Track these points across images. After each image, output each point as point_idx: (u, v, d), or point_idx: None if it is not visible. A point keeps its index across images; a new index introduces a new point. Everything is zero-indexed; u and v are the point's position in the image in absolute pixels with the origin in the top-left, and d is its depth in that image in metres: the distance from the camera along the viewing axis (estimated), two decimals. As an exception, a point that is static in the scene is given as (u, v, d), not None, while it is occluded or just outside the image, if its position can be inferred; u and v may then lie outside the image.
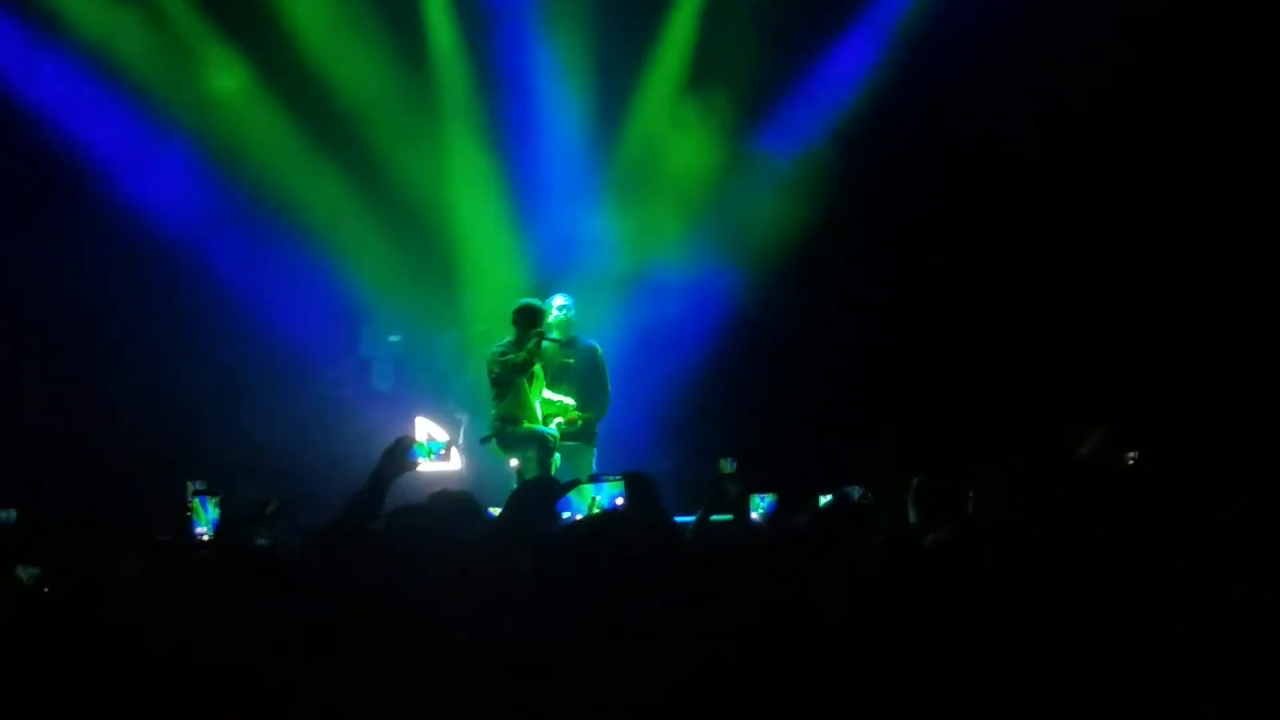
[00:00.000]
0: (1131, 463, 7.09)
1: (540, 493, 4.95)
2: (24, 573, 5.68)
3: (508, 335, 10.05)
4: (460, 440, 10.69)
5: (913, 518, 5.86)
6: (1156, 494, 4.86)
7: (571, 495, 6.44)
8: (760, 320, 11.96)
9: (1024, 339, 11.50)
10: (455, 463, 10.33)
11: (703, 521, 5.80)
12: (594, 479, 7.69)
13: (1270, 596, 3.61)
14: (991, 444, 9.30)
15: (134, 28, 11.59)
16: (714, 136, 12.17)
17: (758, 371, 11.94)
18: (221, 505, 6.68)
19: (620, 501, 6.47)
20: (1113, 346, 11.30)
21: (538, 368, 10.08)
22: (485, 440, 10.10)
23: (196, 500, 6.43)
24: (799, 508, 5.69)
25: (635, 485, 6.30)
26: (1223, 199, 11.17)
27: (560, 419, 10.12)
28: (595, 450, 10.35)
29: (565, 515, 6.26)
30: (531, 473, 9.64)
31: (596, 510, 6.28)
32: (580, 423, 10.23)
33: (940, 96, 11.56)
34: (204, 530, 6.76)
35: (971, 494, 5.30)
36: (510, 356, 9.89)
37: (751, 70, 11.97)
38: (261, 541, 6.29)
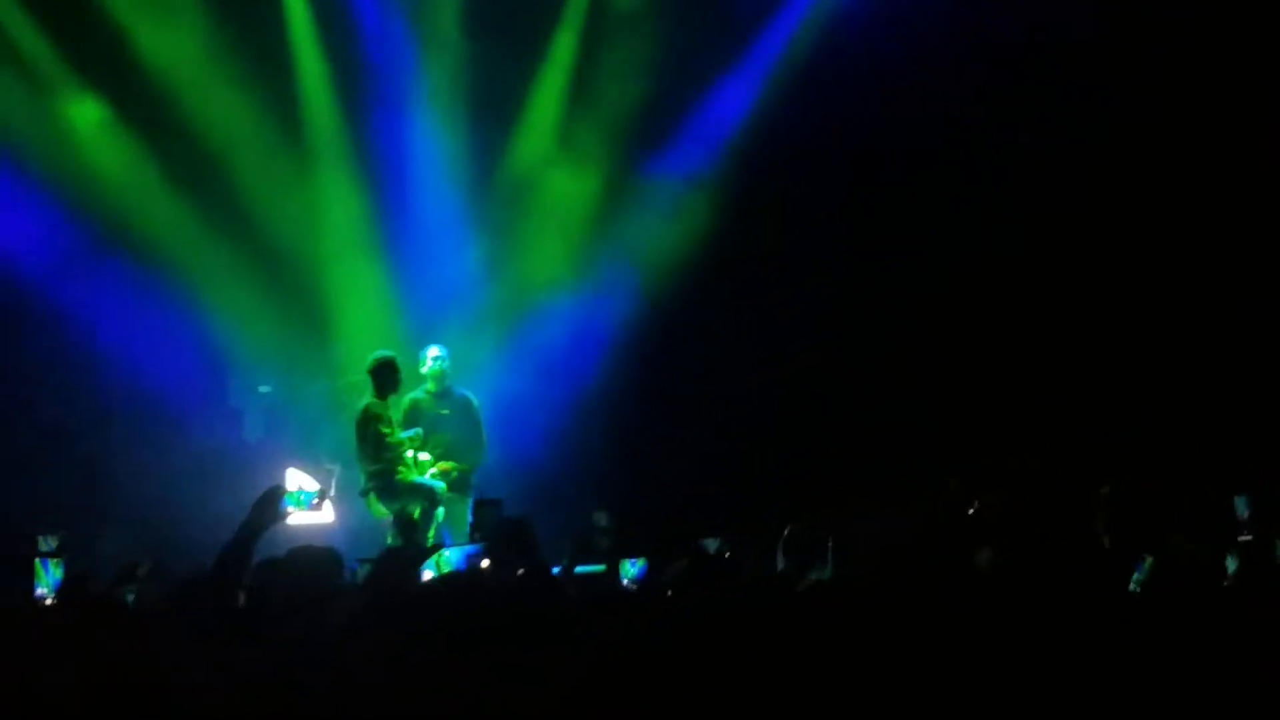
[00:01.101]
0: (972, 512, 7.20)
1: (404, 562, 4.95)
2: None
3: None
4: (332, 491, 10.58)
5: (781, 565, 5.94)
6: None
7: (435, 560, 6.41)
8: (642, 358, 11.99)
9: (895, 379, 11.66)
10: (328, 514, 10.22)
11: (567, 571, 5.81)
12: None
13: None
14: (861, 488, 9.41)
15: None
16: (594, 166, 12.25)
17: (636, 415, 11.94)
18: (67, 565, 6.55)
19: (473, 559, 6.47)
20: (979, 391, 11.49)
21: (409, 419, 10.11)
22: (364, 493, 10.04)
23: (38, 562, 6.29)
24: (664, 565, 5.72)
25: (514, 532, 6.29)
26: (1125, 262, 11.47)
27: (434, 470, 10.11)
28: (471, 500, 10.31)
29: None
30: (407, 525, 9.59)
31: (445, 569, 6.27)
32: (455, 474, 10.21)
33: (824, 125, 11.78)
34: (44, 592, 6.62)
35: (832, 542, 5.38)
36: (367, 410, 9.92)
37: (633, 98, 12.08)
38: (128, 597, 6.19)
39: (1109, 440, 10.36)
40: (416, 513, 9.77)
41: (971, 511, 6.99)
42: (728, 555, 6.16)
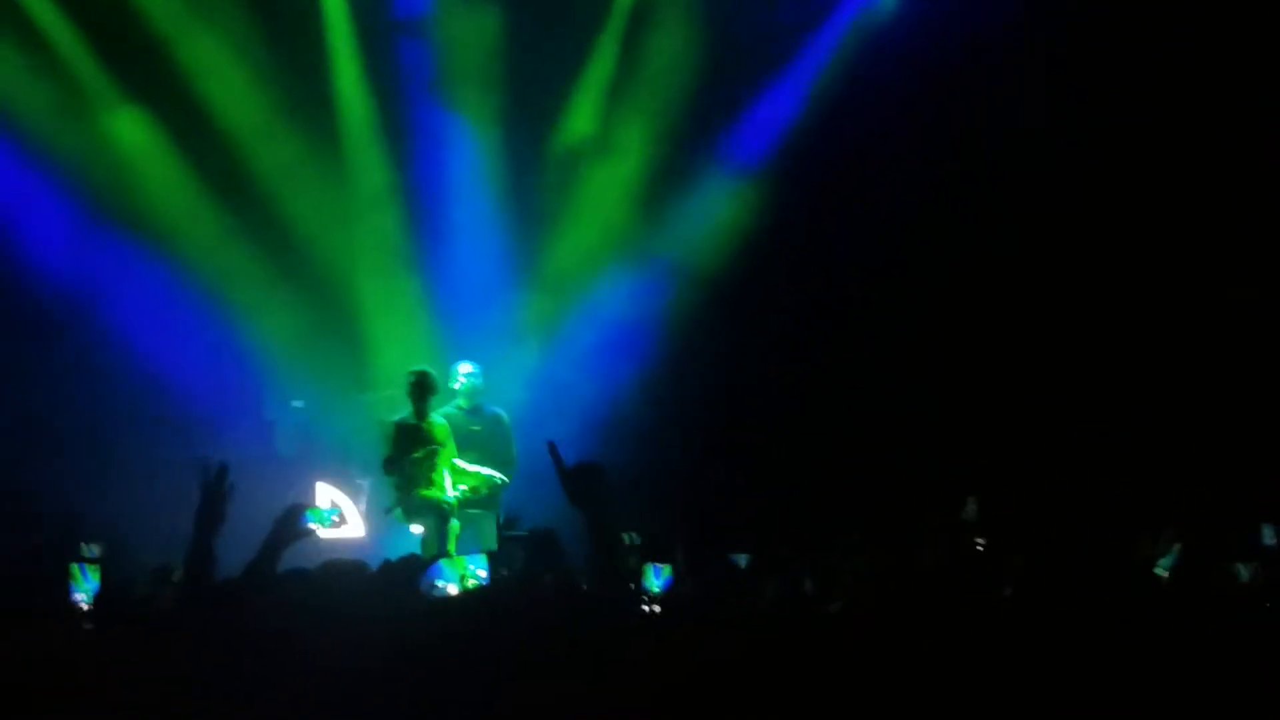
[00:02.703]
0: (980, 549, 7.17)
1: (401, 572, 4.98)
2: None
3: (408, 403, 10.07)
4: (363, 506, 10.63)
5: (809, 587, 5.92)
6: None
7: (444, 566, 6.44)
8: (675, 372, 11.99)
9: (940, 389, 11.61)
10: (357, 530, 10.29)
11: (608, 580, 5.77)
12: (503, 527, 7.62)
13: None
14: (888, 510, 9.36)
15: (34, 80, 11.49)
16: (635, 164, 12.26)
17: (669, 428, 11.93)
18: (104, 572, 6.60)
19: (483, 574, 6.49)
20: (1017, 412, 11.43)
21: (444, 431, 10.10)
22: (389, 510, 10.09)
23: (76, 567, 6.33)
24: (688, 576, 5.71)
25: (540, 543, 6.29)
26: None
27: (464, 486, 10.12)
28: (499, 516, 10.33)
29: (439, 585, 6.27)
30: (431, 540, 9.65)
31: (469, 581, 6.29)
32: (484, 490, 10.23)
33: (878, 121, 11.78)
34: (83, 597, 6.67)
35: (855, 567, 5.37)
36: (396, 425, 9.95)
37: (677, 91, 12.08)
38: (160, 605, 6.24)
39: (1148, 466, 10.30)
40: (429, 528, 9.80)
41: (989, 536, 6.97)
42: (756, 572, 6.15)
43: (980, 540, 7.15)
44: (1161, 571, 4.85)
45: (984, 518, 7.75)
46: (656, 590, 5.26)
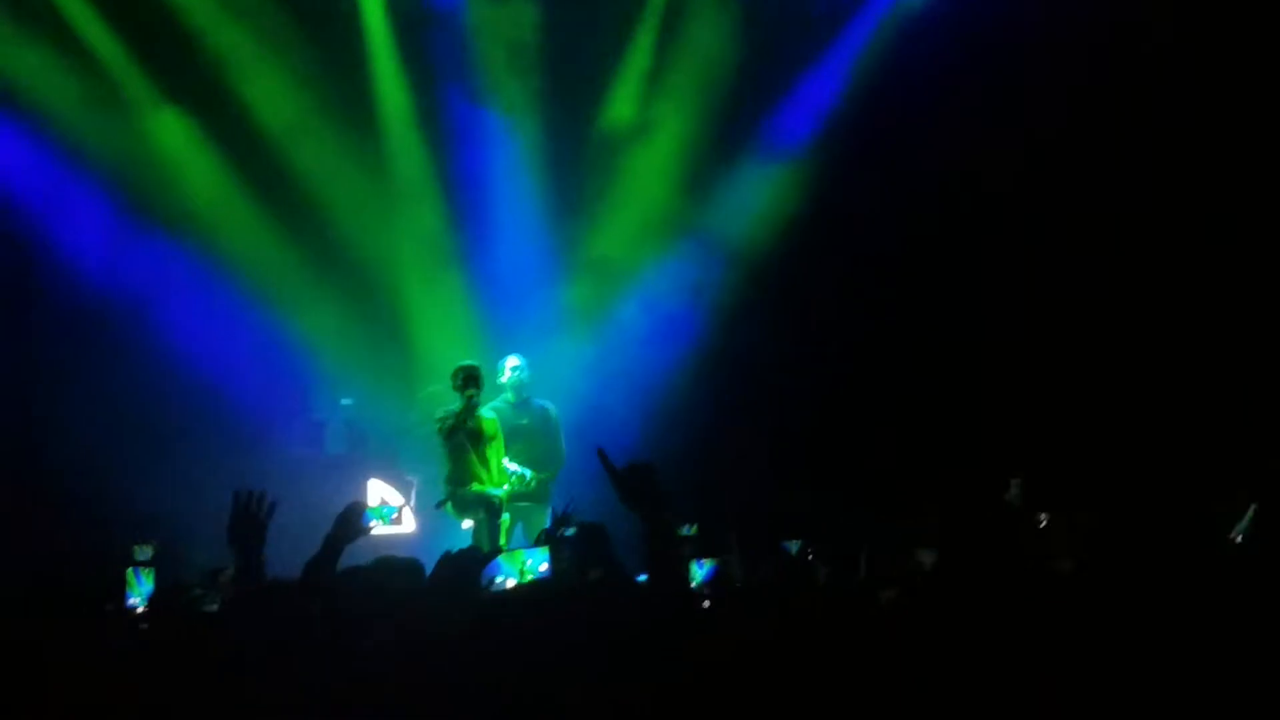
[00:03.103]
0: (1043, 524, 7.13)
1: (461, 564, 4.98)
2: None
3: (456, 398, 10.09)
4: (412, 503, 10.65)
5: (864, 570, 5.89)
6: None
7: (503, 560, 6.43)
8: (724, 359, 11.95)
9: (977, 388, 11.54)
10: (409, 525, 10.30)
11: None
12: (552, 528, 7.67)
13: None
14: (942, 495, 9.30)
15: (72, 81, 11.57)
16: (675, 152, 12.21)
17: (720, 414, 11.88)
18: (159, 575, 6.66)
19: (544, 568, 6.47)
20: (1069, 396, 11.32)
21: (494, 425, 10.11)
22: (440, 505, 10.10)
23: (130, 571, 6.39)
24: (741, 562, 5.69)
25: (588, 537, 6.29)
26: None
27: (514, 479, 10.13)
28: (549, 509, 10.34)
29: (498, 579, 6.26)
30: (482, 534, 9.66)
31: (528, 575, 6.28)
32: (534, 484, 10.24)
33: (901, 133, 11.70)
34: (137, 601, 6.72)
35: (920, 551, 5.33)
36: (443, 420, 9.94)
37: (719, 74, 12.04)
38: (211, 606, 6.27)
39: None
40: (478, 523, 9.81)
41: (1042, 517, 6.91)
42: (810, 558, 6.12)
43: (1042, 516, 7.12)
44: (1238, 537, 4.75)
45: (1028, 499, 7.67)
46: (699, 582, 5.23)
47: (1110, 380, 11.21)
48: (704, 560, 5.04)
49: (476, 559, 5.40)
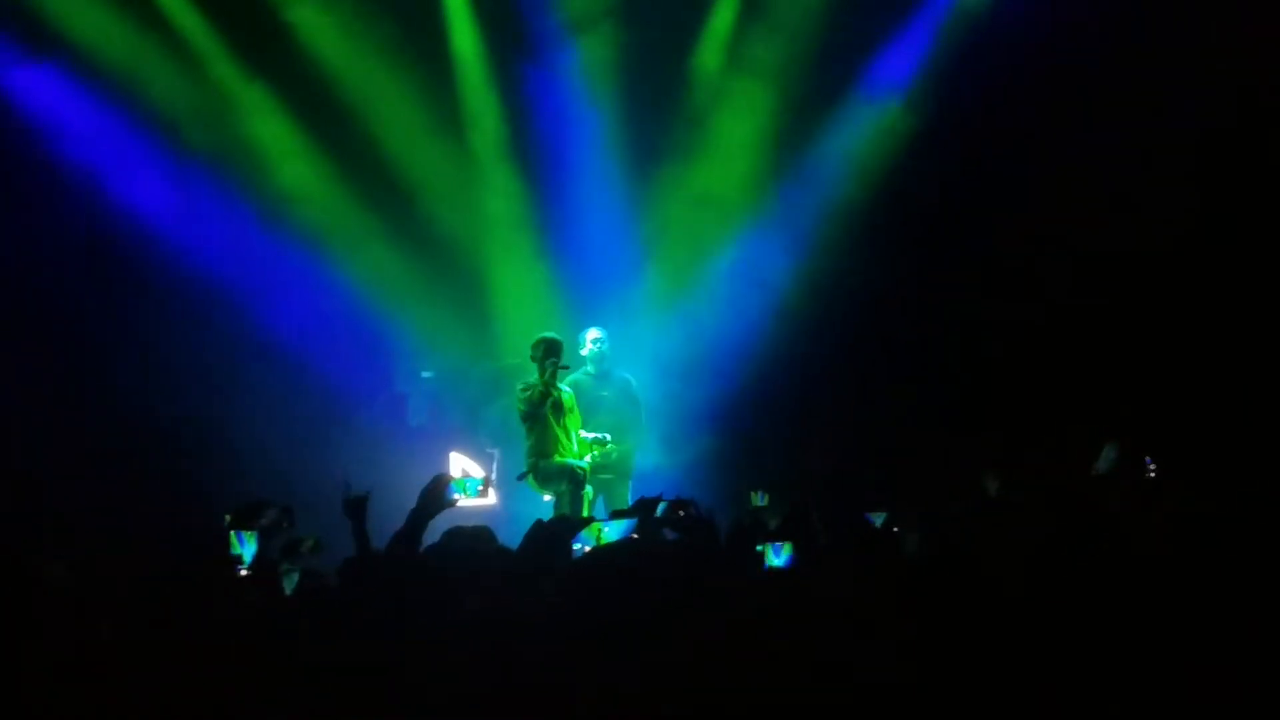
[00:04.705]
0: (1152, 475, 7.07)
1: (554, 531, 4.98)
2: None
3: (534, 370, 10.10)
4: (493, 475, 10.69)
5: (949, 540, 5.83)
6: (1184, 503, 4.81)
7: (585, 534, 6.43)
8: (802, 327, 11.86)
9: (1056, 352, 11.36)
10: (491, 498, 10.35)
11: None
12: (619, 514, 7.66)
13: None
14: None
15: (170, 72, 11.71)
16: (767, 107, 12.07)
17: (799, 389, 11.81)
18: (261, 541, 6.72)
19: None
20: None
21: (571, 399, 10.11)
22: (522, 477, 10.12)
23: (233, 534, 6.46)
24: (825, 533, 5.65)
25: (641, 509, 6.28)
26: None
27: (595, 450, 10.12)
28: (631, 482, 10.35)
29: (576, 547, 6.28)
30: (565, 506, 9.66)
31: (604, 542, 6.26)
32: (615, 455, 10.24)
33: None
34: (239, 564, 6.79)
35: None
36: (529, 391, 9.95)
37: (805, 34, 11.92)
38: (292, 574, 6.35)
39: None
40: (561, 494, 9.81)
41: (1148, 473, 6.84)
42: (895, 530, 6.07)
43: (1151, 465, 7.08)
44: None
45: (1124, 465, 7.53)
46: (778, 565, 5.18)
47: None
48: (780, 546, 4.99)
49: (571, 526, 5.40)
